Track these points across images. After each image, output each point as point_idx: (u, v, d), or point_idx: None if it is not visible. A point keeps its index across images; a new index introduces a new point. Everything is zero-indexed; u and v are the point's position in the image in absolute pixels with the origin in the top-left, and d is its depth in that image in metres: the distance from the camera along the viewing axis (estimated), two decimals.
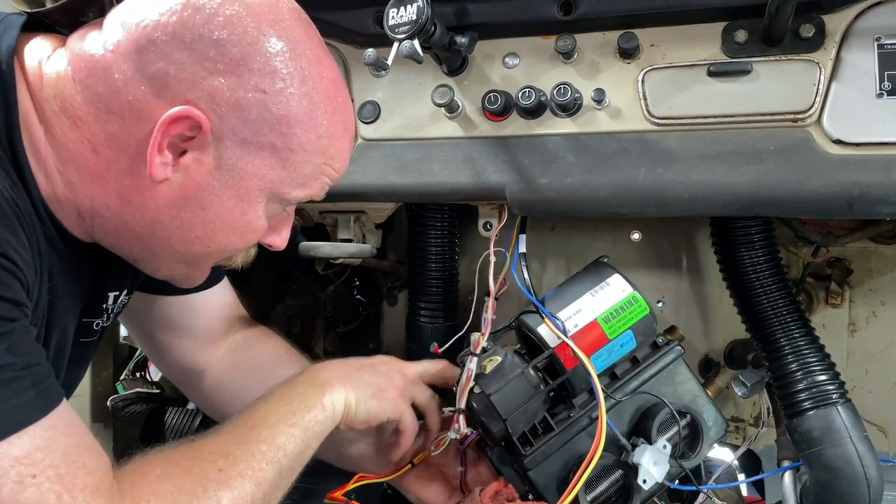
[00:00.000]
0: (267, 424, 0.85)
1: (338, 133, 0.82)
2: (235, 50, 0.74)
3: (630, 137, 0.99)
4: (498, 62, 1.07)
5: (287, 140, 0.78)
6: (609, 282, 1.01)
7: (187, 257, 0.84)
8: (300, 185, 0.82)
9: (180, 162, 0.76)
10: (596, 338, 0.99)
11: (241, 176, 0.78)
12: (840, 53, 0.92)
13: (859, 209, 0.89)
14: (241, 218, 0.80)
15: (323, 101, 0.79)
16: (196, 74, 0.73)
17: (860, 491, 0.97)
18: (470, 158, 1.06)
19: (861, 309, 1.28)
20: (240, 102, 0.74)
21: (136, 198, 0.77)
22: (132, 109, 0.74)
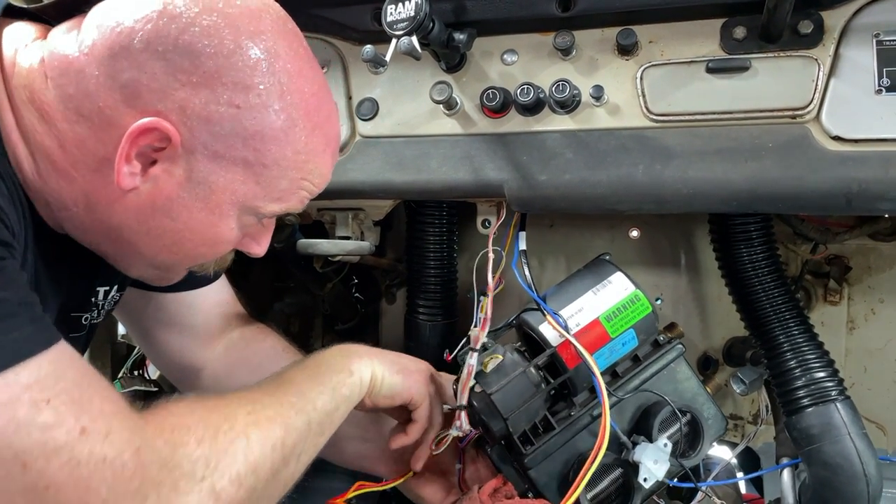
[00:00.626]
0: (295, 382, 0.85)
1: (318, 149, 0.80)
2: (210, 63, 0.72)
3: (628, 134, 0.99)
4: (496, 59, 1.07)
5: (260, 156, 0.76)
6: (611, 280, 1.01)
7: (156, 262, 0.83)
8: (275, 200, 0.80)
9: (149, 172, 0.74)
10: (598, 336, 0.98)
11: (211, 189, 0.76)
12: (839, 50, 0.92)
13: (858, 205, 0.89)
14: (210, 230, 0.79)
15: (302, 116, 0.77)
16: (168, 85, 0.71)
17: (859, 488, 0.97)
18: (468, 155, 1.05)
19: (860, 306, 1.28)
20: (211, 116, 0.73)
21: (103, 201, 0.76)
22: (101, 115, 0.73)
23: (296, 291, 1.62)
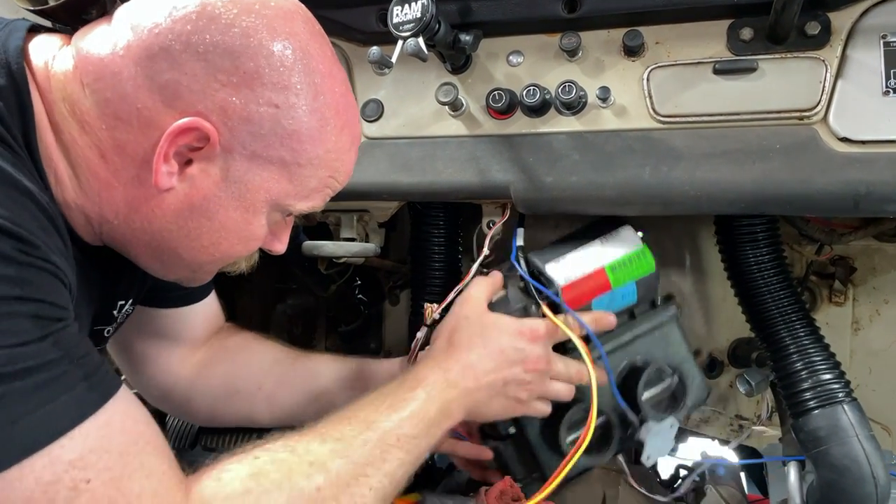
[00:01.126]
0: (375, 428, 0.82)
1: (345, 147, 0.82)
2: (250, 63, 0.73)
3: (635, 136, 0.99)
4: (502, 60, 1.07)
5: (296, 155, 0.77)
6: (620, 232, 1.04)
7: (194, 265, 0.83)
8: (304, 198, 0.81)
9: (186, 172, 0.75)
10: (600, 284, 1.01)
11: (247, 188, 0.77)
12: (846, 51, 0.92)
13: (866, 207, 0.89)
14: (245, 228, 0.80)
15: (333, 116, 0.79)
16: (208, 86, 0.72)
17: (867, 490, 0.97)
18: (474, 157, 1.05)
19: (864, 307, 1.28)
20: (252, 117, 0.74)
21: (143, 206, 0.76)
22: (140, 117, 0.73)
23: (299, 293, 1.61)
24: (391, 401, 0.86)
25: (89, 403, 0.65)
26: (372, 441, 0.81)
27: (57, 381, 0.63)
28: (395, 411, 0.84)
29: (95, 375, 0.67)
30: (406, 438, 0.83)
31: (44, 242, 0.65)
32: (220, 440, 1.29)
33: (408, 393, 0.87)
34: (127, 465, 0.65)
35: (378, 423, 0.82)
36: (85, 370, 0.66)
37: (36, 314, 0.63)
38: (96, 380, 0.66)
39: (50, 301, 0.64)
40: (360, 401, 0.86)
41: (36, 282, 0.64)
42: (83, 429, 0.63)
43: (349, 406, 0.86)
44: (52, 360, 0.63)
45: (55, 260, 0.66)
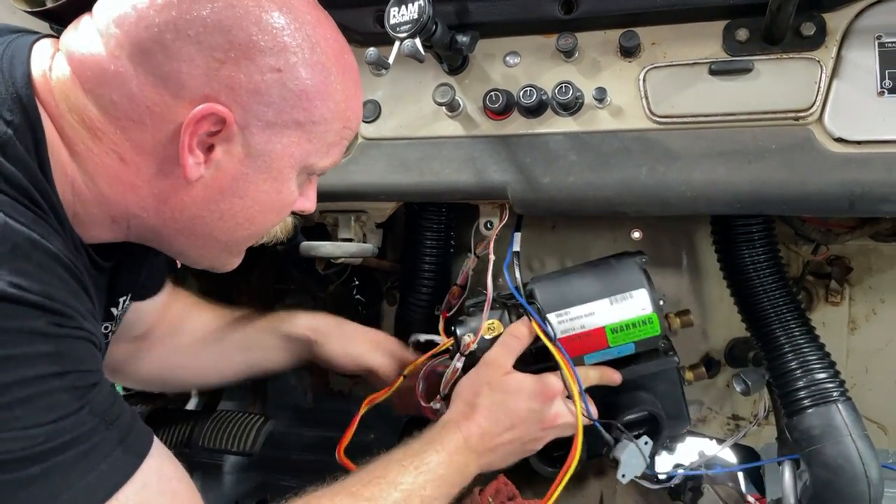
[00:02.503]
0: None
1: (351, 92, 0.82)
2: (242, 34, 0.72)
3: (632, 136, 0.99)
4: (499, 61, 1.07)
5: (309, 114, 0.77)
6: (633, 295, 1.01)
7: (231, 244, 0.84)
8: (325, 154, 0.82)
9: (211, 158, 0.75)
10: (596, 342, 1.01)
11: (271, 158, 0.77)
12: (841, 52, 0.92)
13: (861, 208, 0.90)
14: (277, 197, 0.81)
15: (334, 63, 0.79)
16: (209, 67, 0.71)
17: (860, 489, 0.97)
18: (471, 157, 1.05)
19: (861, 307, 1.29)
20: (258, 87, 0.73)
21: (172, 198, 0.77)
22: (152, 115, 0.72)
23: (296, 293, 1.61)
24: (416, 463, 0.89)
25: (126, 467, 0.67)
26: (399, 502, 0.85)
27: (95, 450, 0.65)
28: (420, 474, 0.88)
29: (130, 435, 0.69)
30: (428, 500, 0.88)
31: (75, 310, 0.66)
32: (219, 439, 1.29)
33: (432, 456, 0.90)
34: None
35: (404, 484, 0.87)
36: (120, 432, 0.68)
37: (72, 386, 0.64)
38: (131, 440, 0.69)
39: (85, 369, 0.66)
40: (387, 459, 0.90)
41: (71, 353, 0.65)
42: (121, 495, 0.66)
43: (376, 464, 0.89)
44: (90, 430, 0.65)
45: (87, 326, 0.67)
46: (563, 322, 1.01)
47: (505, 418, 0.95)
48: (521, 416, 0.96)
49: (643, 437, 1.01)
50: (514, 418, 0.96)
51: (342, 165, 1.10)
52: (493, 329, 1.03)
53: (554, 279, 1.05)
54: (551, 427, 0.98)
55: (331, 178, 1.10)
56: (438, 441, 0.92)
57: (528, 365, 1.01)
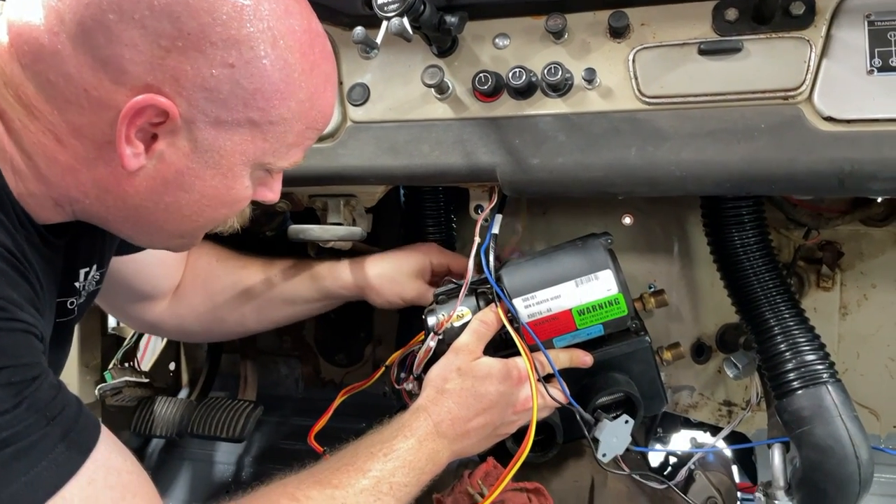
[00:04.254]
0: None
1: (318, 90, 0.76)
2: (193, 22, 0.66)
3: (621, 117, 0.98)
4: (488, 43, 1.06)
5: (265, 113, 0.72)
6: (598, 276, 1.01)
7: (178, 234, 0.81)
8: (284, 155, 0.77)
9: (153, 148, 0.70)
10: (564, 325, 1.01)
11: (221, 154, 0.73)
12: (831, 31, 0.92)
13: (851, 186, 0.89)
14: (227, 193, 0.76)
15: (299, 59, 0.72)
16: (153, 55, 0.66)
17: (850, 470, 0.97)
18: (461, 140, 1.05)
19: (852, 292, 1.28)
20: (207, 82, 0.68)
21: (114, 187, 0.73)
22: (90, 98, 0.67)
23: None
24: (385, 450, 0.89)
25: (70, 464, 0.64)
26: (367, 489, 0.84)
27: (35, 448, 0.62)
28: (389, 461, 0.88)
29: (74, 430, 0.66)
30: (398, 486, 0.87)
31: (10, 301, 0.63)
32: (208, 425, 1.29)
33: (401, 443, 0.90)
34: None
35: (373, 471, 0.86)
36: (62, 427, 0.64)
37: (9, 381, 0.61)
38: (74, 435, 0.65)
39: (23, 363, 0.63)
40: (356, 446, 0.90)
41: (7, 347, 0.62)
42: (66, 492, 0.63)
43: (345, 451, 0.89)
44: (28, 426, 0.62)
45: (24, 317, 0.64)
46: (529, 306, 1.01)
47: (475, 403, 0.95)
48: (491, 401, 0.96)
49: (623, 416, 1.01)
50: (485, 403, 0.95)
51: (330, 149, 1.09)
52: (462, 316, 1.03)
53: (522, 264, 1.05)
54: (523, 410, 0.98)
55: (319, 161, 1.09)
56: (408, 427, 0.92)
57: (500, 350, 1.02)
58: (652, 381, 1.09)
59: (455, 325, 1.04)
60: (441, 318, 1.05)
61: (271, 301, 1.24)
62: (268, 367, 1.67)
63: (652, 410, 1.12)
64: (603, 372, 1.07)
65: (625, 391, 1.06)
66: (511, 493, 0.99)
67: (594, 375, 1.07)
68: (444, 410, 0.94)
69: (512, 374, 0.98)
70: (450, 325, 1.04)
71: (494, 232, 1.09)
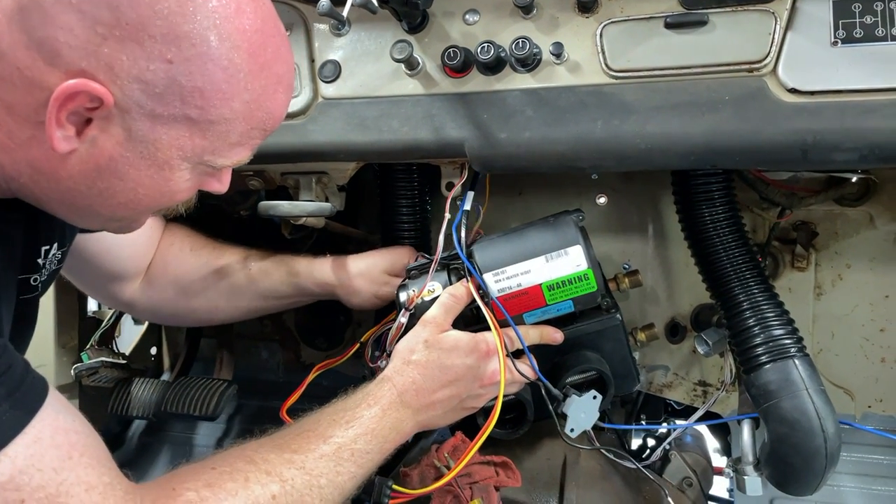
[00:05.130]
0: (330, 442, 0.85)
1: (268, 91, 0.74)
2: (132, 13, 0.64)
3: (588, 91, 0.98)
4: (458, 19, 1.07)
5: (204, 112, 0.70)
6: (568, 252, 1.01)
7: (115, 218, 0.80)
8: (226, 154, 0.75)
9: (85, 133, 0.68)
10: (533, 300, 1.01)
11: (156, 147, 0.70)
12: (795, 3, 0.92)
13: (814, 158, 0.89)
14: (164, 185, 0.74)
15: (246, 60, 0.70)
16: (89, 41, 0.64)
17: (816, 443, 0.97)
18: (430, 115, 1.05)
19: (827, 272, 1.28)
20: (143, 75, 0.66)
21: (46, 167, 0.71)
22: (22, 77, 0.65)
23: None
24: (348, 417, 0.89)
25: (14, 423, 0.63)
26: (328, 455, 0.84)
27: None
28: (350, 427, 0.88)
29: (19, 389, 0.65)
30: (360, 453, 0.87)
31: None
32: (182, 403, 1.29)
33: (364, 410, 0.90)
34: (63, 482, 0.64)
35: (334, 437, 0.86)
36: (7, 387, 0.64)
37: None
38: (20, 394, 0.65)
39: None
40: (318, 414, 0.90)
41: None
42: (10, 450, 0.62)
43: (308, 418, 0.89)
44: None
45: None
46: (500, 281, 1.01)
47: (441, 375, 0.95)
48: (457, 373, 0.96)
49: (591, 392, 1.01)
50: (451, 375, 0.95)
51: (300, 125, 1.09)
52: (433, 291, 1.03)
53: (494, 240, 1.05)
54: (490, 384, 0.98)
55: (289, 137, 1.09)
56: (372, 396, 0.92)
57: (471, 325, 1.02)
58: (623, 360, 1.10)
59: (426, 299, 1.04)
60: (412, 293, 1.05)
61: (243, 294, 1.24)
62: (249, 352, 1.67)
63: (623, 389, 1.12)
64: (574, 350, 1.08)
65: (596, 369, 1.06)
66: (478, 465, 0.99)
67: (565, 353, 1.07)
68: (408, 381, 0.94)
69: (479, 348, 0.97)
70: (420, 301, 1.04)
71: (466, 208, 1.10)
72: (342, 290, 1.20)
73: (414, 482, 0.98)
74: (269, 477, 0.77)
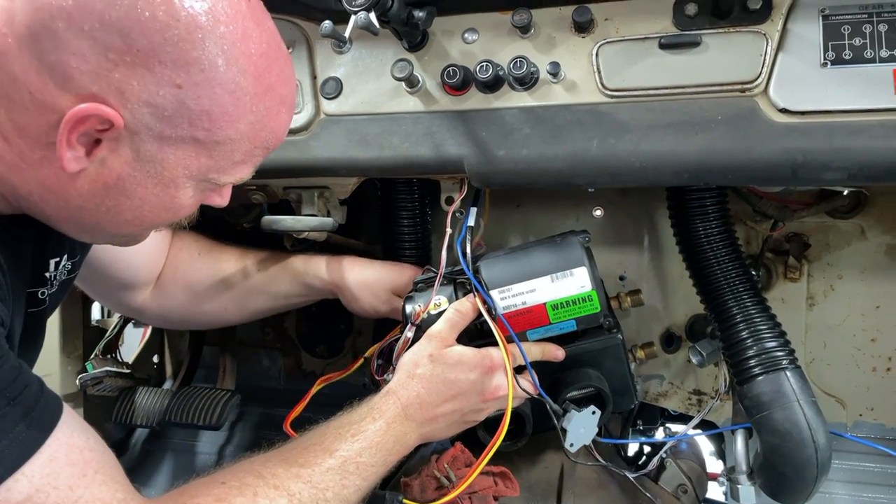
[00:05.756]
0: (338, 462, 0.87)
1: (271, 112, 0.77)
2: (143, 40, 0.66)
3: (584, 109, 1.01)
4: (457, 38, 1.09)
5: (211, 134, 0.72)
6: (574, 273, 1.03)
7: (121, 234, 0.82)
8: (229, 172, 0.78)
9: (95, 153, 0.71)
10: (537, 318, 1.03)
11: (163, 166, 0.73)
12: (787, 25, 0.94)
13: (804, 176, 0.91)
14: (169, 201, 0.77)
15: (252, 83, 0.73)
16: (100, 66, 0.66)
17: (807, 454, 0.99)
18: (429, 132, 1.07)
19: (819, 283, 1.30)
20: (153, 99, 0.68)
21: (56, 187, 0.73)
22: (34, 101, 0.68)
23: None
24: (353, 430, 0.91)
25: (30, 443, 0.65)
26: (334, 468, 0.86)
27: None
28: (356, 441, 0.90)
29: (35, 409, 0.67)
30: (364, 466, 0.89)
31: None
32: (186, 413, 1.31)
33: (369, 424, 0.92)
34: (78, 499, 0.66)
35: (340, 451, 0.88)
36: (24, 407, 0.66)
37: None
38: (36, 414, 0.67)
39: None
40: (324, 427, 0.92)
41: None
42: (27, 469, 0.64)
43: (314, 432, 0.91)
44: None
45: None
46: (505, 298, 1.03)
47: (445, 389, 0.97)
48: (461, 388, 0.97)
49: (590, 407, 1.02)
50: (454, 389, 0.97)
51: (303, 141, 1.12)
52: (439, 305, 1.05)
53: (500, 257, 1.07)
54: (492, 399, 1.00)
55: (291, 153, 1.12)
56: (377, 409, 0.94)
57: (474, 340, 1.04)
58: (622, 378, 1.11)
59: (432, 313, 1.05)
60: (418, 308, 1.07)
61: (252, 294, 1.27)
62: (250, 359, 1.69)
63: (621, 407, 1.13)
64: (575, 367, 1.09)
65: (595, 386, 1.07)
66: (477, 476, 1.01)
67: (566, 370, 1.09)
68: (413, 394, 0.96)
69: (483, 363, 0.99)
70: (426, 315, 1.06)
71: (470, 224, 1.12)
72: (344, 292, 1.23)
73: (415, 492, 1.00)
74: (278, 492, 0.79)
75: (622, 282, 1.35)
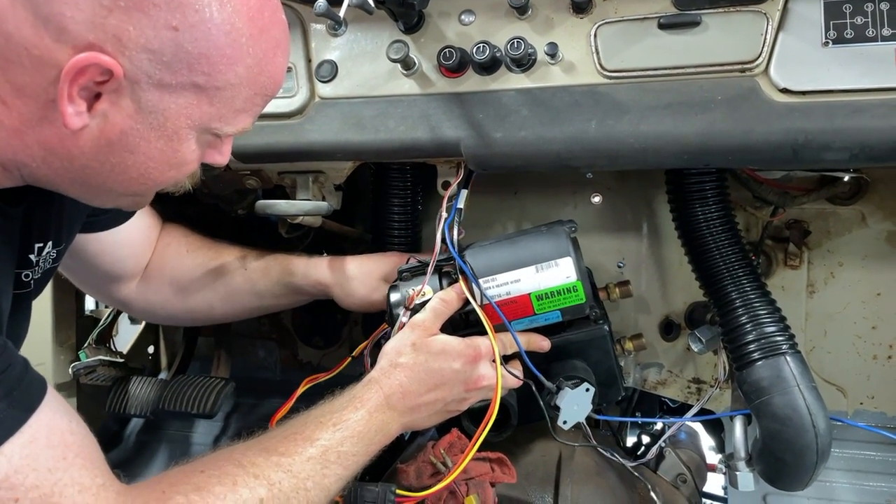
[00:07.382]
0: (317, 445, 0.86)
1: (268, 55, 0.75)
2: None
3: (582, 91, 0.99)
4: (454, 19, 1.07)
5: (211, 78, 0.71)
6: (559, 263, 1.02)
7: (128, 194, 0.81)
8: (232, 121, 0.77)
9: (96, 107, 0.70)
10: (522, 309, 1.02)
11: (165, 117, 0.72)
12: (787, 4, 0.93)
13: (805, 156, 0.90)
14: (173, 155, 0.76)
15: (247, 23, 0.71)
16: (95, 14, 0.65)
17: (807, 439, 0.98)
18: (426, 115, 1.06)
19: (819, 270, 1.29)
20: (150, 44, 0.67)
21: (58, 147, 0.72)
22: (31, 56, 0.66)
23: None
24: (335, 420, 0.89)
25: (11, 422, 0.64)
26: (314, 457, 0.85)
27: None
28: (337, 430, 0.88)
29: (18, 389, 0.66)
30: (346, 456, 0.88)
31: None
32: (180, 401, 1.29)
33: (351, 413, 0.91)
34: (57, 482, 0.65)
35: (321, 440, 0.86)
36: (5, 386, 0.65)
37: None
38: (18, 394, 0.66)
39: None
40: (305, 416, 0.90)
41: None
42: (6, 449, 0.63)
43: (295, 420, 0.90)
44: None
45: None
46: (490, 288, 1.02)
47: (428, 378, 0.96)
48: (444, 377, 0.96)
49: (584, 384, 1.01)
50: (437, 378, 0.96)
51: (298, 125, 1.10)
52: (423, 294, 1.04)
53: (485, 246, 1.06)
54: (475, 389, 0.99)
55: (286, 137, 1.10)
56: (359, 398, 0.92)
57: (459, 329, 1.03)
58: (609, 370, 1.10)
59: (417, 302, 1.04)
60: (405, 294, 1.05)
61: (240, 294, 1.24)
62: (246, 350, 1.68)
63: (608, 398, 1.12)
64: (561, 358, 1.08)
65: (581, 377, 1.06)
66: (474, 462, 1.00)
67: (552, 361, 1.08)
68: (395, 383, 0.95)
69: (467, 353, 0.98)
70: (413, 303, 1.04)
71: (459, 206, 1.10)
72: (337, 291, 1.21)
73: (410, 478, 0.99)
74: (258, 480, 0.78)
75: (620, 269, 1.34)
